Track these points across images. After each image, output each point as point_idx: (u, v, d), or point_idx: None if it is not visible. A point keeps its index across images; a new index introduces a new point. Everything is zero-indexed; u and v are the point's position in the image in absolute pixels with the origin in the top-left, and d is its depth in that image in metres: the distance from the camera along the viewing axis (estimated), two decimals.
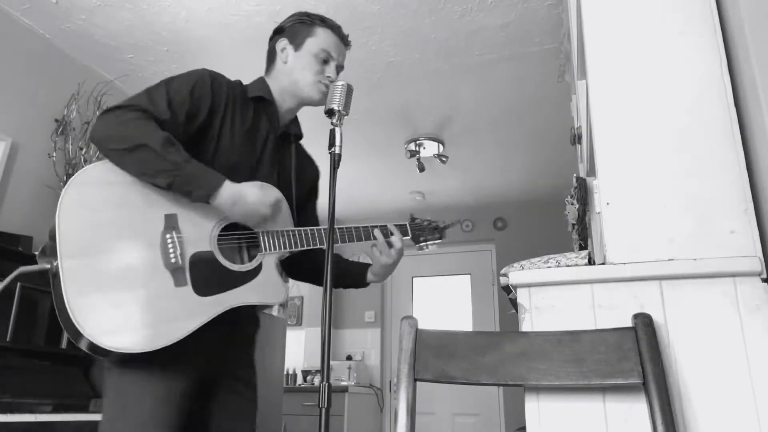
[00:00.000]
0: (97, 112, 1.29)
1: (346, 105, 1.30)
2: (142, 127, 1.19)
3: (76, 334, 1.10)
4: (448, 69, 3.26)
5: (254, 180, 1.34)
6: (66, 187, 1.17)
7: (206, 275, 1.24)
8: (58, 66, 3.02)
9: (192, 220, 1.27)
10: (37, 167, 2.79)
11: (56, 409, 2.04)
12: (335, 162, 1.24)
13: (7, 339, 2.09)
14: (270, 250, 1.35)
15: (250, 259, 1.34)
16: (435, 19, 2.84)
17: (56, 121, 2.88)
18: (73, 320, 1.08)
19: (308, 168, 1.61)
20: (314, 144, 1.67)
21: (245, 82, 1.48)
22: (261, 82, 1.48)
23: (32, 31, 2.89)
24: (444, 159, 4.13)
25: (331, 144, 1.25)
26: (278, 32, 1.52)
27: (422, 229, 1.61)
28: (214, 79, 1.36)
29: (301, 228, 1.41)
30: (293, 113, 1.53)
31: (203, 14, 2.81)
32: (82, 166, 2.84)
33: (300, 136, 1.58)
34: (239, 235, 1.33)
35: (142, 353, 1.12)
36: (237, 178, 1.29)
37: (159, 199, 1.24)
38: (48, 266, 1.13)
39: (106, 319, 1.11)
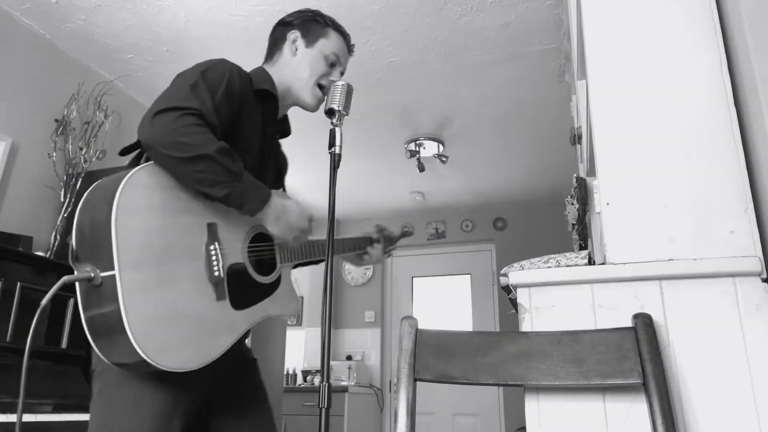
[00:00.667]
0: (151, 117, 1.18)
1: (346, 105, 1.30)
2: (201, 134, 1.13)
3: (126, 352, 1.01)
4: (448, 69, 3.26)
5: (260, 179, 1.31)
6: (121, 187, 1.04)
7: (240, 288, 1.21)
8: (58, 66, 3.02)
9: (228, 230, 1.23)
10: (37, 167, 2.79)
11: (56, 409, 2.04)
12: (335, 162, 1.24)
13: (7, 339, 2.09)
14: (287, 261, 1.34)
15: (269, 270, 1.33)
16: (435, 19, 2.84)
17: (56, 121, 2.87)
18: (131, 338, 0.99)
19: (284, 161, 1.59)
20: (314, 144, 1.67)
21: None
22: (265, 74, 1.43)
23: (32, 31, 2.89)
24: (444, 159, 4.13)
25: (331, 144, 1.25)
26: (286, 24, 1.48)
27: (390, 240, 1.77)
28: (239, 75, 1.30)
29: (313, 240, 1.41)
30: (286, 110, 1.50)
31: (203, 14, 2.81)
32: (82, 167, 2.85)
33: (289, 133, 1.54)
34: (263, 247, 1.31)
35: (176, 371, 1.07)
36: None
37: (199, 206, 1.19)
38: (92, 275, 1.02)
39: (160, 338, 1.03)
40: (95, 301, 1.03)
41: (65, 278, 1.02)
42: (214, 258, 1.16)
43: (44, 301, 1.01)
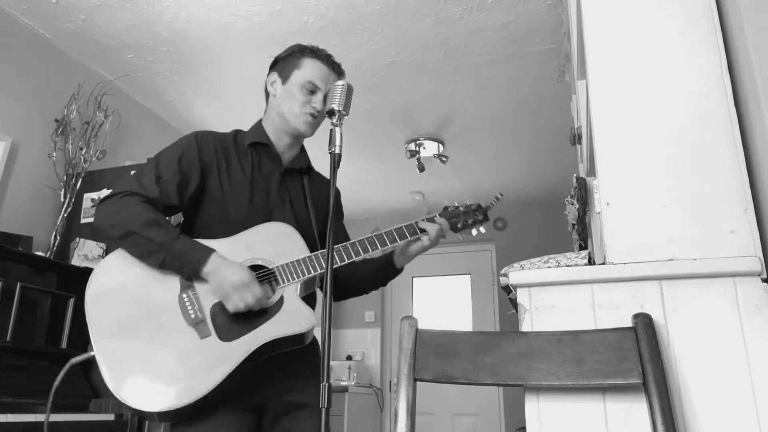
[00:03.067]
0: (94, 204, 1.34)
1: (346, 105, 1.30)
2: (130, 212, 1.28)
3: (122, 405, 1.20)
4: (448, 69, 3.26)
5: (271, 217, 1.42)
6: (90, 279, 1.28)
7: (228, 321, 1.28)
8: (58, 66, 3.02)
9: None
10: (37, 167, 2.79)
11: (56, 410, 2.04)
12: (335, 162, 1.24)
13: (7, 339, 2.09)
14: (287, 281, 1.35)
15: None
16: (435, 19, 2.84)
17: (56, 121, 2.87)
18: (117, 396, 1.18)
19: (326, 191, 1.58)
20: (314, 144, 1.67)
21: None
22: (257, 127, 1.52)
23: (32, 31, 2.89)
24: (444, 159, 4.13)
25: (331, 144, 1.25)
26: (272, 66, 1.55)
27: (458, 216, 1.57)
28: (201, 140, 1.42)
29: (312, 254, 1.40)
30: (294, 148, 1.54)
31: (203, 14, 2.81)
32: (82, 167, 2.85)
33: (308, 168, 1.59)
34: (259, 275, 1.33)
35: (185, 408, 1.19)
36: (254, 223, 1.38)
37: None
38: (92, 354, 1.23)
39: (144, 388, 1.19)
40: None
41: (71, 360, 1.28)
42: (188, 304, 1.28)
43: (56, 382, 1.31)
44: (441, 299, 5.49)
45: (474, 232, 1.58)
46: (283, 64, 1.51)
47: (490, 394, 4.92)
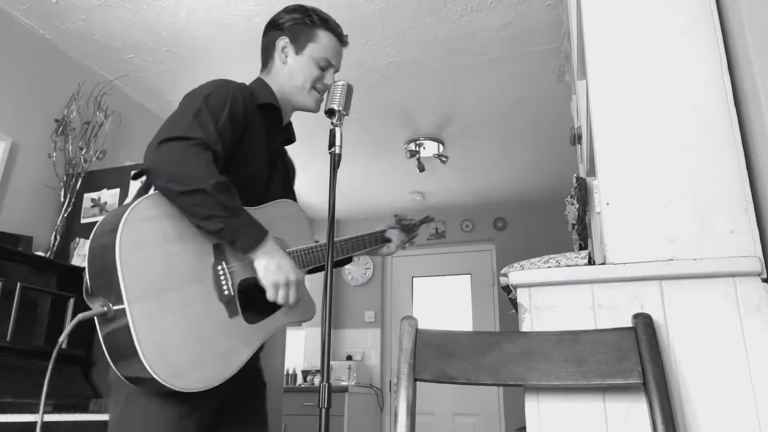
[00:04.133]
0: (155, 143, 1.18)
1: (346, 105, 1.31)
2: (201, 166, 1.14)
3: (142, 378, 1.07)
4: (448, 69, 3.26)
5: (268, 189, 1.37)
6: (121, 225, 1.08)
7: (253, 303, 1.23)
8: (58, 66, 3.02)
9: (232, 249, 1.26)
10: (37, 167, 2.79)
11: (56, 409, 2.04)
12: (335, 162, 1.24)
13: (7, 339, 2.09)
14: (300, 268, 1.34)
15: None
16: (435, 19, 2.84)
17: (56, 121, 2.87)
18: (147, 366, 1.03)
19: (292, 168, 1.61)
20: (314, 144, 1.67)
21: (245, 81, 1.45)
22: (266, 87, 1.43)
23: (32, 31, 2.89)
24: (444, 159, 4.13)
25: (331, 144, 1.25)
26: (276, 27, 1.46)
27: (409, 229, 1.78)
28: (242, 94, 1.31)
29: (317, 244, 1.41)
30: (289, 117, 1.51)
31: (203, 14, 2.81)
32: (82, 167, 2.85)
33: (294, 140, 1.55)
34: None
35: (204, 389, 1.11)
36: (269, 195, 1.34)
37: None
38: (105, 309, 1.07)
39: (174, 362, 1.07)
40: (111, 331, 1.09)
41: (80, 316, 1.08)
42: (222, 277, 1.19)
43: (61, 338, 1.09)
44: (441, 299, 5.49)
45: (407, 245, 1.81)
46: (297, 30, 1.44)
47: (490, 394, 4.92)
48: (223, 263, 1.20)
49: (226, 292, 1.18)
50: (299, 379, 5.08)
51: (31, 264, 2.29)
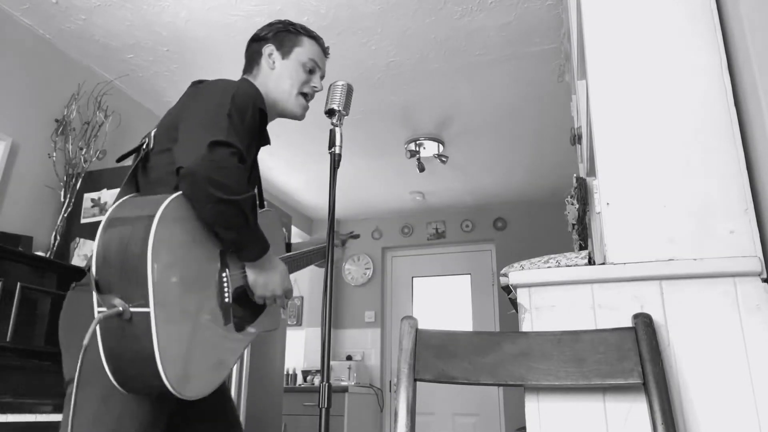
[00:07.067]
0: (206, 145, 1.13)
1: (346, 105, 1.31)
2: (242, 179, 1.15)
3: (148, 383, 1.02)
4: (448, 69, 3.26)
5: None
6: (156, 220, 1.03)
7: (242, 310, 1.25)
8: (58, 66, 3.02)
9: (232, 256, 1.25)
10: (37, 167, 2.79)
11: (56, 409, 2.04)
12: (335, 162, 1.24)
13: (7, 339, 2.09)
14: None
15: None
16: (435, 19, 2.84)
17: (56, 121, 2.87)
18: (162, 373, 0.99)
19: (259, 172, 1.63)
20: (314, 144, 1.67)
21: None
22: (255, 90, 1.40)
23: (32, 31, 2.89)
24: (444, 159, 4.13)
25: (331, 144, 1.25)
26: (260, 39, 1.50)
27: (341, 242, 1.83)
28: (254, 103, 1.31)
29: (298, 252, 1.47)
30: (271, 121, 1.50)
31: (203, 14, 2.81)
32: (82, 167, 2.85)
33: (269, 143, 1.52)
34: None
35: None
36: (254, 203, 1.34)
37: (213, 235, 1.20)
38: (121, 309, 1.00)
39: (182, 369, 1.05)
40: (120, 333, 1.01)
41: (99, 316, 0.99)
42: (225, 284, 1.19)
43: (85, 341, 0.96)
44: (441, 299, 5.48)
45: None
46: (281, 37, 1.48)
47: (490, 394, 4.92)
48: (227, 270, 1.21)
49: (226, 300, 1.19)
50: (299, 379, 5.08)
51: (31, 264, 2.29)
